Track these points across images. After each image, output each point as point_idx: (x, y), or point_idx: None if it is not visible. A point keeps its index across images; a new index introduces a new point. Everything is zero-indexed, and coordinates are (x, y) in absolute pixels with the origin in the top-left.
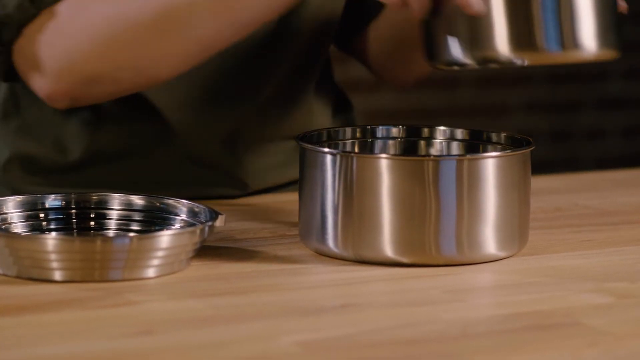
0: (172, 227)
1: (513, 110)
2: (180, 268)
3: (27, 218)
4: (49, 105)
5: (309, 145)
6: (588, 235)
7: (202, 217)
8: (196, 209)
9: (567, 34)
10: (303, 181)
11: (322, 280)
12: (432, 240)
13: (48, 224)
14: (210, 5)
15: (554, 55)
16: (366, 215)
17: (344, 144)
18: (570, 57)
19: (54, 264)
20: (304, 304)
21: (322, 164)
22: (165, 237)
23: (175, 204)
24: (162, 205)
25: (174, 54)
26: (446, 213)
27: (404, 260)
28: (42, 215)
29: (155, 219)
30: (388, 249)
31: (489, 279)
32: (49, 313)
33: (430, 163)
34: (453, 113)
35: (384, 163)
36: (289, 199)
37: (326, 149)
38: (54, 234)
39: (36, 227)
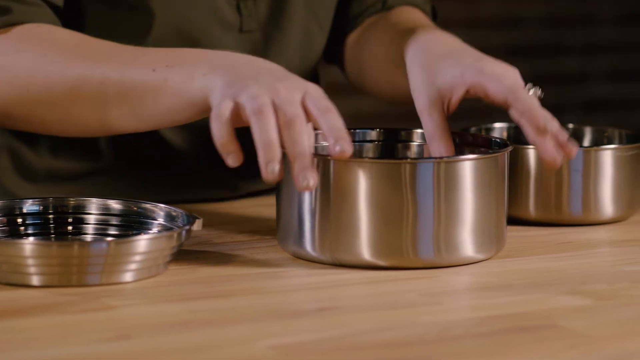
0: (150, 231)
1: (502, 112)
2: (157, 272)
3: (5, 223)
4: None
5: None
6: (566, 237)
7: (180, 221)
8: (173, 213)
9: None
10: (281, 185)
11: (300, 284)
12: (409, 243)
13: (26, 229)
14: (118, 92)
15: None
16: (343, 218)
17: (322, 148)
18: None
19: (32, 269)
20: (281, 308)
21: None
22: (142, 242)
23: (153, 208)
24: (139, 210)
25: (82, 122)
26: (423, 216)
27: (382, 263)
28: (19, 220)
29: (133, 224)
30: (365, 252)
31: (467, 281)
32: (26, 318)
33: (408, 166)
34: None
35: (361, 166)
36: (267, 202)
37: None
38: (31, 238)
39: (14, 232)
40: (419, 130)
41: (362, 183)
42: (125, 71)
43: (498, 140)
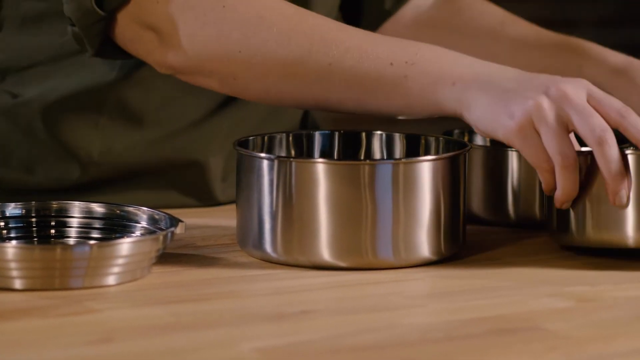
0: (133, 234)
1: None
2: (141, 275)
3: None
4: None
5: (246, 151)
6: (548, 238)
7: (163, 225)
8: (156, 216)
9: None
10: (240, 187)
11: (282, 287)
12: (368, 244)
13: (8, 233)
14: (347, 78)
15: None
16: (303, 220)
17: (280, 150)
18: None
19: (14, 273)
20: (264, 311)
21: (259, 169)
22: (125, 245)
23: (136, 211)
24: (122, 213)
25: (292, 96)
26: (382, 217)
27: (341, 264)
28: (2, 223)
29: (116, 227)
30: (325, 253)
31: (449, 284)
32: (8, 321)
33: (367, 167)
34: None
35: (320, 168)
36: None
37: (263, 154)
38: (14, 242)
39: None
40: (379, 132)
41: (322, 185)
42: (361, 59)
43: (456, 140)
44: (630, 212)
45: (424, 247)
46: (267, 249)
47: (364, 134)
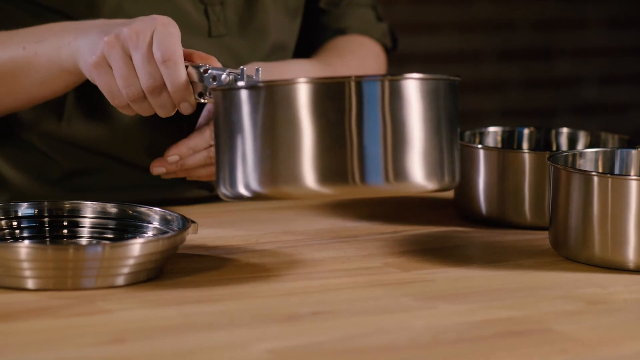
0: (145, 235)
1: (486, 116)
2: (152, 276)
3: (0, 226)
4: None
5: (225, 85)
6: None
7: (175, 225)
8: (169, 217)
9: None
10: (218, 126)
11: (293, 288)
12: (355, 167)
13: (21, 232)
14: None
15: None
16: (285, 144)
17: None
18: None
19: (27, 272)
20: (275, 312)
21: (238, 101)
22: (137, 245)
23: (148, 212)
24: (134, 214)
25: None
26: (369, 139)
27: (326, 191)
28: (14, 223)
29: (128, 227)
30: (309, 181)
31: (460, 285)
32: (21, 321)
33: (352, 84)
34: None
35: (302, 88)
36: (262, 206)
37: (241, 84)
38: (26, 242)
39: (9, 236)
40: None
41: (303, 105)
42: None
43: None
44: (631, 235)
45: (415, 172)
46: (251, 185)
47: None
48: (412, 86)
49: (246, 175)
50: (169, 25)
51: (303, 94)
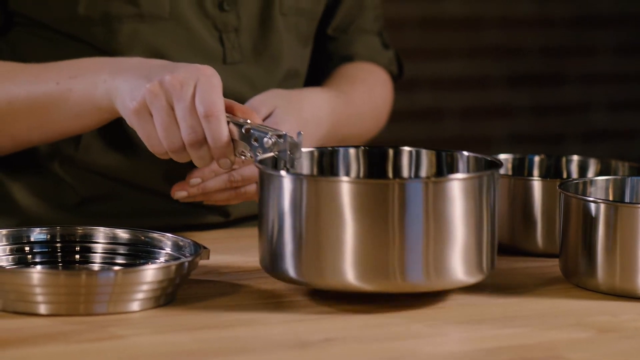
0: (157, 260)
1: (495, 142)
2: (164, 302)
3: (13, 251)
4: None
5: (266, 168)
6: None
7: (187, 251)
8: (181, 243)
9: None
10: (262, 206)
11: (306, 314)
12: (396, 266)
13: (33, 258)
14: (25, 108)
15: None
16: (328, 240)
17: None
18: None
19: (39, 298)
20: (287, 338)
21: (280, 188)
22: (150, 271)
23: (160, 237)
24: (147, 239)
25: None
26: (412, 238)
27: (367, 287)
28: (27, 248)
29: (140, 253)
30: (350, 276)
31: (471, 312)
32: (33, 347)
33: (396, 186)
34: (436, 144)
35: (346, 187)
36: None
37: (283, 172)
38: (39, 267)
39: (21, 261)
40: (407, 148)
41: (348, 203)
42: (31, 88)
43: (489, 159)
44: None
45: (456, 269)
46: (289, 272)
47: (391, 151)
48: (456, 186)
49: (286, 261)
50: (212, 77)
51: (346, 193)
